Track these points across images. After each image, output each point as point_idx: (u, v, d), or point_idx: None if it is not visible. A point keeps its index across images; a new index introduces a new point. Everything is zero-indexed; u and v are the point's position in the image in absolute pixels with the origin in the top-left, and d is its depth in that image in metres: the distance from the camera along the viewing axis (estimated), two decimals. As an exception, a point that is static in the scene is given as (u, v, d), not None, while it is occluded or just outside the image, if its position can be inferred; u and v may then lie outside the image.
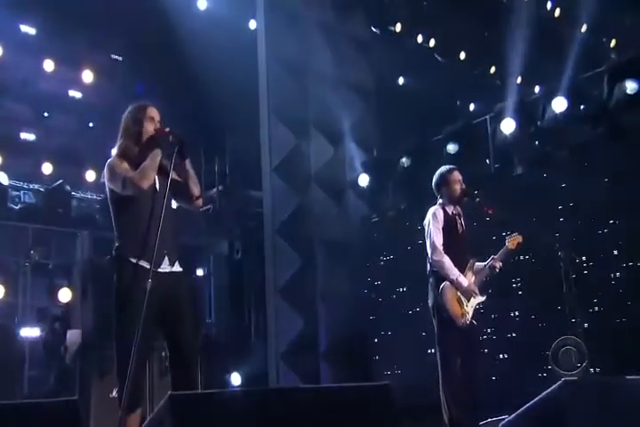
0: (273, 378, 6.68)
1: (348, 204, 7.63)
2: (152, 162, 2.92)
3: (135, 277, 2.82)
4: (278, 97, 7.20)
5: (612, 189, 5.16)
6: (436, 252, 3.89)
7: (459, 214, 4.09)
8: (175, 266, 3.00)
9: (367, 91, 8.00)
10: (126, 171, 2.92)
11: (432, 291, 3.93)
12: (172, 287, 2.94)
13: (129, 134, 3.03)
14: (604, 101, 5.46)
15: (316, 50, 7.60)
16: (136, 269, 2.84)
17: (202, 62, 7.04)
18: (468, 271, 3.97)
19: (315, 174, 7.40)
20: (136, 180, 2.87)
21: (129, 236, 2.92)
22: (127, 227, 2.94)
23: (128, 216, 2.95)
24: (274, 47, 7.26)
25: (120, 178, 2.91)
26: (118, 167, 2.94)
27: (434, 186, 4.11)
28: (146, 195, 2.93)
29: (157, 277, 2.82)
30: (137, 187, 2.88)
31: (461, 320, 3.82)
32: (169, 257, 2.96)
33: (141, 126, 3.02)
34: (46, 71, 7.75)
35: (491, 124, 6.37)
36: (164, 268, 2.94)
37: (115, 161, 2.98)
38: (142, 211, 2.91)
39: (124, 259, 2.88)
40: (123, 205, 2.96)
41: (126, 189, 2.91)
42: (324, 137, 7.59)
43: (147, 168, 2.90)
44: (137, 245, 2.86)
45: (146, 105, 3.10)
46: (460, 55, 8.36)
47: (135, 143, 3.01)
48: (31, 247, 6.64)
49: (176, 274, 3.01)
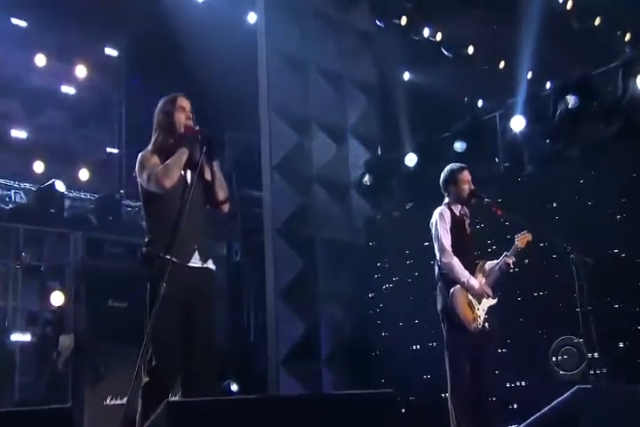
0: (273, 385, 6.68)
1: (351, 203, 7.63)
2: (177, 160, 2.96)
3: (165, 273, 2.85)
4: (279, 93, 7.21)
5: (626, 188, 5.15)
6: (445, 254, 3.88)
7: (466, 215, 4.08)
8: (208, 262, 3.04)
9: (371, 86, 8.01)
10: (154, 166, 2.97)
11: (441, 295, 3.93)
12: (200, 283, 2.98)
13: (162, 127, 3.08)
14: (617, 98, 5.45)
15: (318, 44, 7.60)
16: (165, 263, 2.87)
17: (200, 57, 7.05)
18: (479, 273, 3.97)
19: (316, 173, 7.40)
20: (159, 177, 2.92)
21: (159, 231, 2.97)
22: (157, 222, 2.99)
23: (158, 211, 3.00)
24: (274, 41, 7.26)
25: (146, 173, 2.97)
26: (147, 161, 2.99)
27: (442, 183, 4.10)
28: (176, 190, 2.96)
29: (187, 272, 2.89)
30: (159, 184, 2.92)
31: (473, 325, 3.81)
32: (200, 252, 3.00)
33: (172, 117, 3.07)
34: (38, 66, 7.75)
35: (500, 121, 6.36)
36: (194, 262, 2.98)
37: (146, 155, 3.03)
38: (172, 206, 2.95)
39: (154, 254, 2.93)
40: (153, 199, 3.00)
41: (150, 184, 2.96)
42: (327, 134, 7.59)
43: (171, 167, 2.94)
44: (166, 239, 2.90)
45: (175, 96, 3.15)
46: (469, 49, 8.36)
47: (170, 135, 3.06)
48: (22, 249, 6.65)
49: (207, 270, 3.05)
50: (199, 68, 7.16)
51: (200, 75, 7.19)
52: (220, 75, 7.14)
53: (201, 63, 7.11)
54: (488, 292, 3.92)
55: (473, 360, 3.82)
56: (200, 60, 7.10)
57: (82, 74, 7.80)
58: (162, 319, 2.78)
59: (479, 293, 3.88)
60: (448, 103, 7.44)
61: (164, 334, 2.81)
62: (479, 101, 8.49)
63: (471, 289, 3.86)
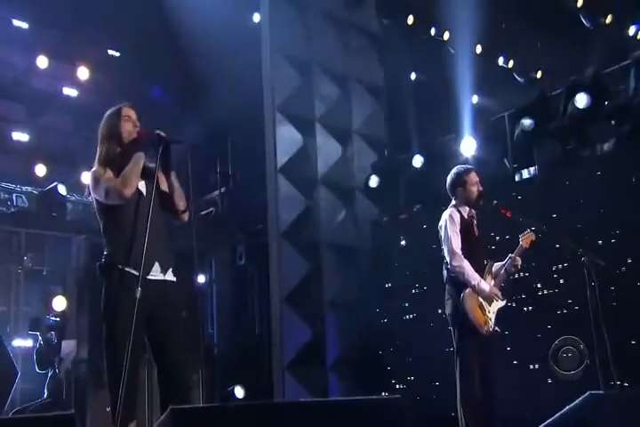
0: (278, 391, 6.68)
1: (358, 206, 7.63)
2: (134, 167, 2.94)
3: (123, 285, 2.85)
4: (283, 94, 7.23)
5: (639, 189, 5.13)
6: (456, 257, 3.88)
7: (474, 217, 4.09)
8: (168, 274, 3.01)
9: (377, 87, 8.01)
10: (109, 180, 2.96)
11: (451, 299, 3.93)
12: (162, 296, 2.95)
13: (107, 139, 3.06)
14: (629, 97, 5.44)
15: (324, 43, 7.61)
16: (124, 276, 2.87)
17: (204, 58, 7.08)
18: (488, 275, 3.98)
19: (322, 175, 7.41)
20: (118, 188, 2.91)
21: (116, 243, 2.96)
22: (114, 234, 2.98)
23: (114, 223, 2.99)
24: (278, 41, 7.28)
25: (103, 187, 2.95)
26: (101, 176, 2.98)
27: (448, 186, 4.10)
28: (131, 200, 2.96)
29: (147, 285, 2.84)
30: (120, 195, 2.92)
31: (485, 328, 3.82)
32: (160, 264, 2.98)
33: (119, 128, 3.05)
34: (39, 68, 7.79)
35: (509, 121, 6.36)
36: (154, 275, 2.95)
37: (97, 170, 3.02)
38: (128, 217, 2.95)
39: (112, 266, 2.92)
40: (109, 212, 3.00)
41: (109, 198, 2.95)
42: (332, 136, 7.60)
43: (128, 175, 2.93)
44: (124, 251, 2.90)
45: (120, 106, 3.14)
46: (477, 49, 8.35)
47: (117, 146, 3.05)
48: (24, 253, 6.70)
49: (168, 282, 3.02)
50: (203, 69, 7.19)
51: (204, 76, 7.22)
52: (225, 75, 7.16)
53: (205, 64, 7.14)
54: (498, 294, 3.92)
55: (482, 364, 3.81)
56: (204, 61, 7.12)
57: (84, 76, 7.83)
58: (118, 333, 2.77)
59: (490, 295, 3.88)
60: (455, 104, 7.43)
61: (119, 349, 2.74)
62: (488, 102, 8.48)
63: (482, 292, 3.87)
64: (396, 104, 7.87)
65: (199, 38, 7.05)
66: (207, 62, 7.12)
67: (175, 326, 3.00)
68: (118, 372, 2.70)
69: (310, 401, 2.63)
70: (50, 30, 7.78)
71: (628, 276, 4.98)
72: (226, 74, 7.12)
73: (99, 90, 7.89)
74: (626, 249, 5.06)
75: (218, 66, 7.11)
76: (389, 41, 8.01)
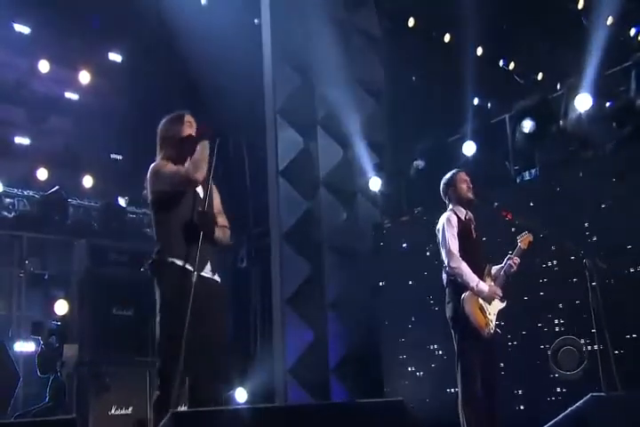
0: (280, 394, 6.69)
1: (359, 209, 7.63)
2: (202, 154, 3.02)
3: (177, 280, 2.89)
4: (284, 96, 7.25)
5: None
6: (454, 258, 3.90)
7: (471, 219, 4.11)
8: (216, 275, 3.09)
9: (378, 89, 8.02)
10: (176, 168, 3.02)
11: (451, 302, 3.94)
12: (212, 295, 3.00)
13: (169, 144, 3.13)
14: (631, 98, 5.45)
15: (324, 45, 7.61)
16: (178, 271, 2.92)
17: (205, 61, 7.10)
18: (487, 277, 3.99)
19: (323, 178, 7.42)
20: (190, 172, 2.96)
21: (172, 238, 2.99)
22: (170, 229, 3.02)
23: (171, 218, 3.03)
24: (279, 43, 7.30)
25: (169, 176, 3.01)
26: (164, 167, 3.05)
27: (442, 191, 4.16)
28: (187, 197, 3.03)
29: (200, 281, 2.90)
30: (191, 180, 2.97)
31: (486, 330, 3.83)
32: (211, 263, 3.05)
33: (180, 132, 3.13)
34: (41, 72, 7.83)
35: (510, 123, 6.37)
36: (206, 272, 3.02)
37: (160, 163, 3.09)
38: (185, 213, 3.00)
39: (165, 261, 2.96)
40: (164, 207, 3.04)
41: (178, 184, 2.99)
42: (333, 138, 7.61)
43: (198, 160, 3.00)
44: (180, 247, 2.95)
45: (182, 113, 3.22)
46: (478, 51, 8.37)
47: (178, 150, 3.11)
48: (26, 257, 6.73)
49: (217, 283, 3.10)
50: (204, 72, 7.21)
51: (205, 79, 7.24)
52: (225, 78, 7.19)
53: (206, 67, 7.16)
54: (498, 293, 3.94)
55: (484, 367, 3.83)
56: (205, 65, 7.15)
57: (85, 80, 7.86)
58: (174, 329, 2.81)
59: (489, 296, 3.90)
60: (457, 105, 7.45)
61: (175, 343, 2.80)
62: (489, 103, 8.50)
63: (481, 293, 3.88)
64: (397, 106, 7.89)
65: (200, 41, 7.08)
66: (208, 65, 7.14)
67: (220, 326, 3.05)
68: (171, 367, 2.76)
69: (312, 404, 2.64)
70: (51, 34, 7.81)
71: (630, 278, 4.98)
72: (227, 76, 7.14)
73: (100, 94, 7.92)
74: (628, 251, 5.07)
75: (219, 68, 7.13)
76: (390, 43, 8.03)
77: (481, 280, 3.92)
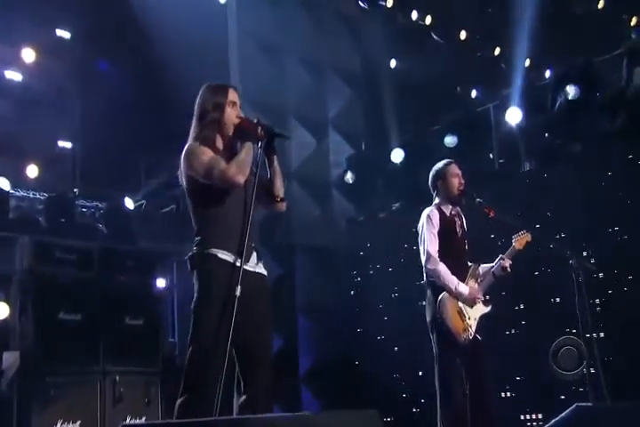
0: (246, 406, 6.63)
1: (333, 204, 7.64)
2: (247, 157, 2.94)
3: (222, 274, 2.86)
4: (252, 82, 7.16)
5: (631, 187, 5.22)
6: (431, 260, 3.91)
7: (458, 215, 4.10)
8: (261, 267, 3.05)
9: (354, 75, 8.02)
10: (216, 160, 2.92)
11: (429, 304, 3.95)
12: (255, 290, 2.94)
13: (208, 121, 3.02)
14: (622, 88, 5.52)
15: (295, 27, 7.59)
16: (223, 264, 2.88)
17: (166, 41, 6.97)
18: (470, 278, 3.99)
19: (295, 171, 7.40)
20: (232, 173, 2.88)
21: (213, 229, 2.94)
22: (211, 219, 2.95)
23: (213, 208, 2.96)
24: (246, 24, 7.24)
25: (207, 166, 2.90)
26: (205, 154, 2.93)
27: (430, 182, 4.15)
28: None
29: (244, 277, 2.84)
30: (233, 181, 2.89)
31: (463, 336, 3.83)
32: (257, 254, 3.01)
33: (223, 112, 3.01)
34: (-20, 49, 7.59)
35: (495, 113, 6.42)
36: (251, 266, 2.97)
37: (197, 146, 2.97)
38: (228, 203, 2.94)
39: (209, 253, 2.90)
40: (206, 196, 2.95)
41: (216, 180, 2.90)
42: (305, 128, 7.60)
43: (243, 163, 2.92)
44: (223, 238, 2.90)
45: (226, 86, 3.10)
46: (461, 35, 8.40)
47: (215, 131, 3.02)
48: (-38, 255, 6.51)
49: (262, 276, 3.05)
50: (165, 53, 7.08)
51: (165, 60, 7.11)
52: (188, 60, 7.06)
53: (167, 48, 7.03)
54: (479, 296, 3.94)
55: (469, 373, 3.83)
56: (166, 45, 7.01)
57: (29, 58, 7.62)
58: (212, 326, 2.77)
59: (470, 299, 3.90)
60: (438, 94, 7.49)
61: (209, 346, 2.76)
62: (472, 92, 8.56)
63: (460, 295, 3.88)
64: (375, 93, 7.88)
65: (160, 20, 6.95)
66: (169, 47, 7.01)
67: (265, 322, 3.02)
68: (204, 369, 2.73)
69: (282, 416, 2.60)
70: (-9, 8, 7.57)
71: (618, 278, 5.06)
72: (189, 60, 7.02)
73: (46, 74, 7.69)
74: (617, 249, 5.14)
75: (181, 51, 7.00)
76: (367, 25, 8.02)
77: (462, 282, 3.92)
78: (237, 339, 2.83)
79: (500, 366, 4.82)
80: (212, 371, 2.75)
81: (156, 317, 6.06)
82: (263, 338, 3.00)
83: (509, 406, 5.31)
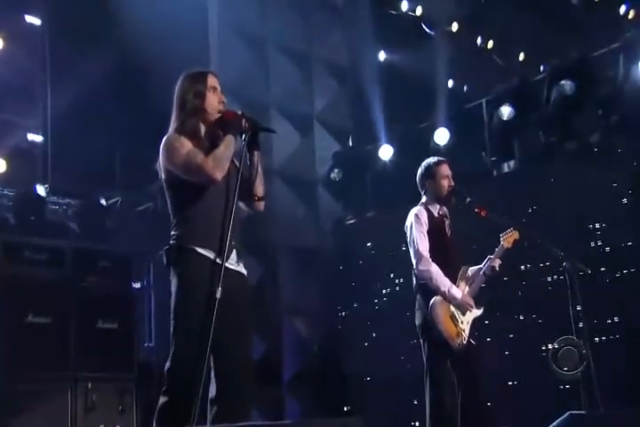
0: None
1: (318, 202, 7.64)
2: (227, 151, 2.92)
3: (201, 270, 2.84)
4: (233, 74, 7.14)
5: (628, 187, 5.27)
6: (422, 260, 3.90)
7: (445, 215, 4.11)
8: (241, 266, 3.03)
9: (341, 68, 8.02)
10: (194, 153, 2.89)
11: (420, 308, 3.95)
12: (235, 291, 2.92)
13: (189, 109, 2.99)
14: (619, 84, 5.57)
15: (280, 18, 7.58)
16: (202, 261, 2.85)
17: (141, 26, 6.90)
18: (461, 281, 4.00)
19: (279, 167, 7.39)
20: (210, 168, 2.86)
21: (193, 223, 2.91)
22: (194, 214, 2.93)
23: (192, 202, 2.93)
24: (227, 14, 7.21)
25: (185, 159, 2.89)
26: (183, 147, 2.91)
27: (418, 179, 4.15)
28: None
29: (225, 274, 2.82)
30: (210, 177, 2.87)
31: (457, 341, 3.83)
32: (237, 252, 2.98)
33: (203, 99, 2.99)
34: (-56, 36, 7.48)
35: (487, 109, 6.44)
36: (231, 264, 2.94)
37: (176, 138, 2.94)
38: (208, 197, 2.92)
39: (186, 249, 2.88)
40: (186, 189, 2.93)
41: (193, 174, 2.89)
42: (290, 123, 7.59)
43: (221, 158, 2.89)
44: (205, 234, 2.88)
45: (205, 73, 3.08)
46: (453, 27, 8.42)
47: (199, 119, 2.99)
48: None
49: (242, 275, 3.03)
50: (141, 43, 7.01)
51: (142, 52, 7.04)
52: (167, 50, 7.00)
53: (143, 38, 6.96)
54: (471, 303, 3.95)
55: (462, 380, 3.84)
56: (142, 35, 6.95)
57: (-3, 45, 7.55)
58: (193, 326, 2.77)
59: (462, 304, 3.90)
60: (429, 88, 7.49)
61: (190, 345, 2.76)
62: (464, 86, 8.59)
63: (453, 300, 3.89)
64: (362, 87, 7.87)
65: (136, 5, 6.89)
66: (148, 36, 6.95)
67: (244, 324, 3.00)
68: (186, 370, 2.72)
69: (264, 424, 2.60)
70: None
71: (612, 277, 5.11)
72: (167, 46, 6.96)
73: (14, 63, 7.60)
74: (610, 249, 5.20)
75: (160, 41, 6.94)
76: (355, 16, 8.01)
77: (454, 285, 3.92)
78: (216, 340, 2.81)
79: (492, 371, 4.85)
80: (195, 372, 2.72)
81: (132, 320, 6.02)
82: (242, 341, 2.99)
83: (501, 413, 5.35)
